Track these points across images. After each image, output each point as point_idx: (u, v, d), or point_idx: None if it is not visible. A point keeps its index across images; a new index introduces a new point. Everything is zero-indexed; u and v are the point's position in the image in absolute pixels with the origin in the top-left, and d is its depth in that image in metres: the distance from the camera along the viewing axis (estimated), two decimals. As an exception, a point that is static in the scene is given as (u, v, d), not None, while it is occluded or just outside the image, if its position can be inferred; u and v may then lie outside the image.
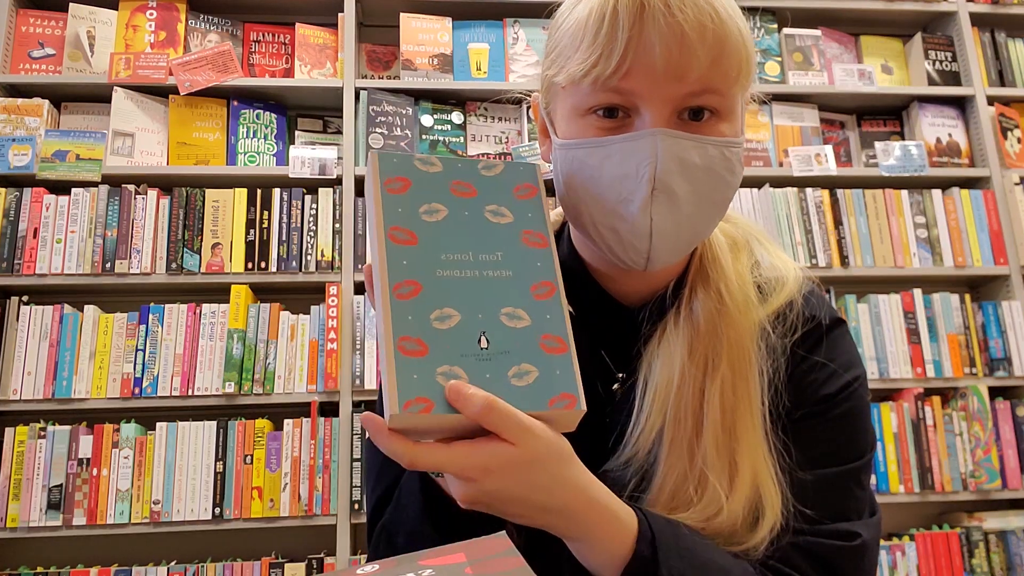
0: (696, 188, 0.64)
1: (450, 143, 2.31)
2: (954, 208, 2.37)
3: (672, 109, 0.63)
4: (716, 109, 0.65)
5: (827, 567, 0.66)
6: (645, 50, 0.61)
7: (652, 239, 0.64)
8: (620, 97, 0.64)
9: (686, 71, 0.61)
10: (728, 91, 0.64)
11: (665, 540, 0.59)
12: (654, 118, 0.63)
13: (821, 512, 0.68)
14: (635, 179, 0.63)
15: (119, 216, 2.08)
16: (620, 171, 0.64)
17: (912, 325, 2.24)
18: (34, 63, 2.22)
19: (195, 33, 2.31)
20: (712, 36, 0.61)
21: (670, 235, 0.64)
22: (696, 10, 0.61)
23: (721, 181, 0.66)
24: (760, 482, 0.66)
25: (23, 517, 1.88)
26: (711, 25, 0.61)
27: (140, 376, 1.99)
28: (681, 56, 0.61)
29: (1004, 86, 2.54)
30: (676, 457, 0.67)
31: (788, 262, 0.77)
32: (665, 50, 0.61)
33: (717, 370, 0.68)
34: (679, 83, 0.62)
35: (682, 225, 0.65)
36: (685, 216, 0.64)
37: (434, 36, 2.35)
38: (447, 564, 0.35)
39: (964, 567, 2.11)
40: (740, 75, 0.64)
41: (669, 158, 0.62)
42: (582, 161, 0.66)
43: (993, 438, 2.18)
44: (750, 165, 2.36)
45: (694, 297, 0.71)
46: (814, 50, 2.49)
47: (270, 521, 1.95)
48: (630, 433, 0.69)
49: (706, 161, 0.64)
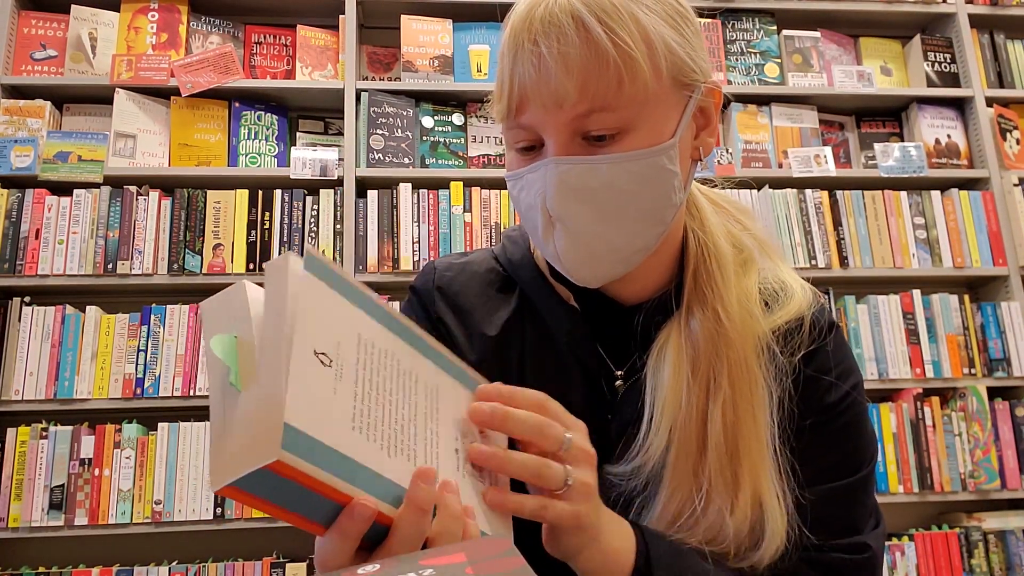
0: (596, 208, 0.65)
1: (451, 144, 2.31)
2: (953, 209, 2.37)
3: (569, 135, 0.65)
4: (612, 127, 0.64)
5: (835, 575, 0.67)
6: (523, 86, 0.64)
7: (563, 262, 0.68)
8: (525, 132, 0.67)
9: (561, 99, 0.63)
10: (619, 106, 0.63)
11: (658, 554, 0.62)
12: (553, 147, 0.65)
13: (830, 526, 0.68)
14: (536, 209, 0.67)
15: (121, 217, 2.09)
16: (528, 201, 0.68)
17: (911, 326, 2.25)
18: (36, 65, 2.22)
19: (196, 35, 2.32)
20: (576, 59, 0.62)
21: (583, 256, 0.67)
22: (560, 37, 0.62)
23: (628, 194, 0.65)
24: (764, 501, 0.66)
25: (25, 517, 1.89)
26: (574, 50, 0.62)
27: (142, 377, 2.00)
28: (549, 86, 0.63)
29: (1003, 87, 2.54)
30: (681, 477, 0.67)
31: (796, 277, 0.77)
32: (535, 83, 0.63)
33: (719, 390, 0.68)
34: (559, 111, 0.64)
35: (592, 245, 0.67)
36: (593, 236, 0.66)
37: (435, 38, 2.36)
38: (448, 564, 0.35)
39: (963, 567, 2.11)
40: (625, 86, 0.63)
41: (556, 186, 0.65)
42: (512, 193, 0.71)
43: (992, 438, 2.19)
44: (749, 166, 2.36)
45: (691, 317, 0.71)
46: (813, 52, 2.49)
47: (271, 521, 1.95)
48: (637, 446, 0.69)
49: (602, 180, 0.64)
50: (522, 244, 0.80)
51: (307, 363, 0.43)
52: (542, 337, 0.76)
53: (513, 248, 0.80)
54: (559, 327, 0.75)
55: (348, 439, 0.44)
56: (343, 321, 0.47)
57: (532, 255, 0.78)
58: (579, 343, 0.74)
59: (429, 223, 2.19)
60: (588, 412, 0.73)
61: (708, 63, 0.71)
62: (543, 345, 0.76)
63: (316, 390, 0.43)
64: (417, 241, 2.17)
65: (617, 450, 0.71)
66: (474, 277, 0.81)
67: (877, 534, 0.71)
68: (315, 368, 0.43)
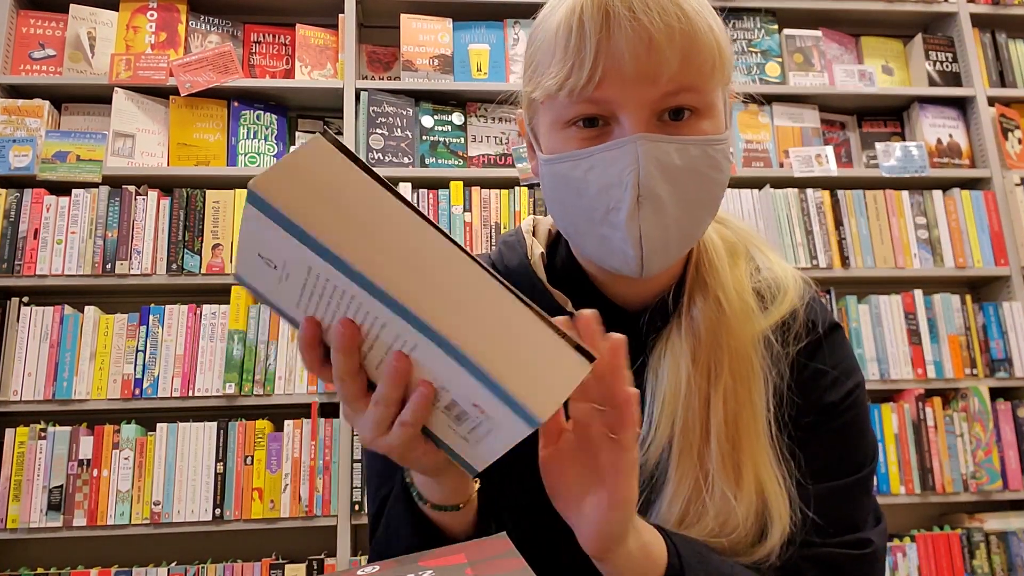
0: (681, 190, 0.64)
1: (450, 144, 2.31)
2: (955, 209, 2.37)
3: (650, 112, 0.63)
4: (695, 107, 0.64)
5: (838, 572, 0.67)
6: (614, 57, 0.61)
7: (643, 246, 0.64)
8: (596, 107, 0.64)
9: (658, 73, 0.61)
10: (704, 87, 0.64)
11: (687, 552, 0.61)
12: (633, 124, 0.63)
13: (831, 523, 0.68)
14: (620, 187, 0.63)
15: (119, 217, 2.08)
16: (604, 181, 0.64)
17: (913, 326, 2.24)
18: (35, 64, 2.22)
19: (195, 34, 2.31)
20: (680, 35, 0.61)
21: (660, 240, 0.64)
22: (661, 12, 0.61)
23: (707, 180, 0.65)
24: (765, 490, 0.66)
25: (23, 518, 1.88)
26: (677, 25, 0.61)
27: (140, 377, 1.99)
28: (650, 59, 0.61)
29: (1005, 87, 2.54)
30: (687, 467, 0.67)
31: (787, 268, 0.77)
32: (634, 55, 0.61)
33: (720, 378, 0.68)
34: (652, 86, 0.62)
35: (670, 229, 0.64)
36: (673, 220, 0.64)
37: (434, 37, 2.35)
38: (448, 565, 0.35)
39: (965, 568, 2.11)
40: (715, 70, 0.64)
41: (650, 163, 0.62)
42: (566, 174, 0.66)
43: (994, 439, 2.18)
44: (750, 166, 2.36)
45: (693, 305, 0.71)
46: (815, 51, 2.49)
47: (270, 522, 1.94)
48: (641, 441, 0.69)
49: (688, 162, 0.64)
50: (519, 250, 0.78)
51: (253, 258, 0.49)
52: None
53: (510, 254, 0.79)
54: None
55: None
56: (288, 249, 0.46)
57: (529, 261, 0.77)
58: None
59: (429, 223, 2.18)
60: None
61: None
62: None
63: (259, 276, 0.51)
64: (417, 241, 2.16)
65: None
66: None
67: (879, 531, 0.70)
68: (260, 265, 0.49)
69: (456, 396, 0.49)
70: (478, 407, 0.49)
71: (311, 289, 0.49)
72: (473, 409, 0.49)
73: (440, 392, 0.50)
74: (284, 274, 0.49)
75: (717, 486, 0.65)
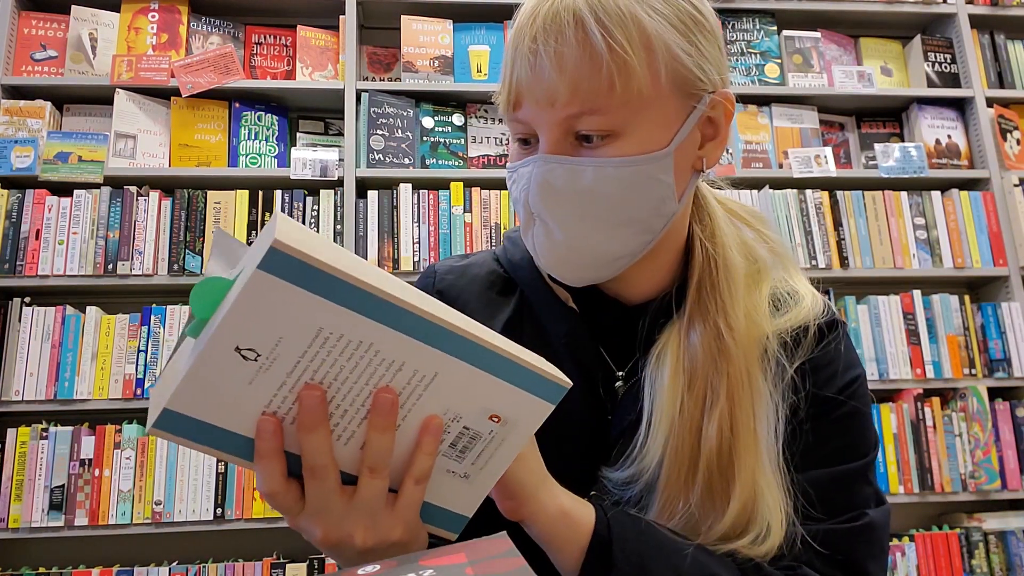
0: (577, 210, 0.65)
1: (451, 145, 2.31)
2: (953, 209, 2.37)
3: (560, 133, 0.65)
4: (602, 130, 0.64)
5: (834, 548, 0.67)
6: (522, 81, 0.65)
7: (540, 259, 0.69)
8: (522, 126, 0.68)
9: (553, 97, 0.63)
10: (610, 108, 0.63)
11: (621, 526, 0.61)
12: (543, 144, 0.66)
13: (831, 508, 0.68)
14: (521, 203, 0.69)
15: (121, 218, 2.09)
16: (515, 195, 0.70)
17: (912, 326, 2.25)
18: (36, 65, 2.22)
19: (197, 35, 2.32)
20: (570, 60, 0.62)
21: (556, 257, 0.68)
22: (558, 37, 0.63)
23: (614, 200, 0.65)
24: (758, 513, 0.65)
25: (25, 518, 1.89)
26: (567, 50, 0.62)
27: (142, 377, 2.00)
28: (545, 84, 0.63)
29: (1003, 88, 2.54)
30: (672, 489, 0.67)
31: (809, 288, 0.76)
32: (531, 81, 0.64)
33: (716, 405, 0.67)
34: (551, 109, 0.64)
35: (561, 248, 0.67)
36: (566, 237, 0.66)
37: (435, 38, 2.36)
38: (448, 564, 0.35)
39: (964, 568, 2.11)
40: (616, 90, 0.62)
41: (539, 184, 0.66)
42: (509, 187, 0.71)
43: (992, 439, 2.19)
44: (749, 166, 2.36)
45: (692, 329, 0.70)
46: (813, 52, 2.49)
47: (272, 521, 1.95)
48: (635, 451, 0.69)
49: (585, 183, 0.64)
50: (522, 245, 0.79)
51: (222, 356, 0.46)
52: (540, 338, 0.76)
53: (514, 249, 0.80)
54: (556, 329, 0.75)
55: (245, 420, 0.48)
56: (297, 315, 0.46)
57: (531, 256, 0.78)
58: (577, 345, 0.74)
59: (429, 223, 2.19)
60: (587, 413, 0.73)
61: (724, 72, 0.69)
62: (541, 346, 0.76)
63: (220, 380, 0.47)
64: (417, 241, 2.17)
65: (614, 452, 0.71)
66: (475, 280, 0.80)
67: (880, 510, 0.70)
68: (231, 361, 0.46)
69: (468, 421, 0.52)
70: (495, 418, 0.53)
71: (307, 361, 0.47)
72: (487, 424, 0.53)
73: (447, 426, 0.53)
74: (269, 362, 0.47)
75: (700, 512, 0.66)
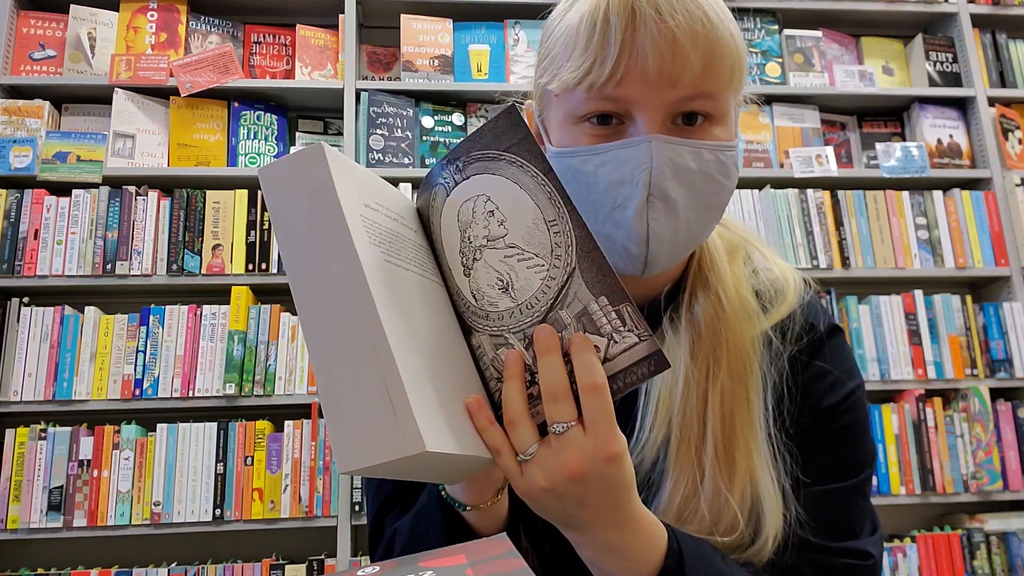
0: (691, 193, 0.64)
1: (451, 144, 2.31)
2: (955, 209, 2.37)
3: (665, 115, 0.63)
4: (709, 114, 0.65)
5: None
6: (637, 56, 0.61)
7: (649, 244, 0.64)
8: (614, 104, 0.64)
9: (679, 77, 0.61)
10: (721, 95, 0.64)
11: (691, 556, 0.59)
12: (648, 124, 0.63)
13: (828, 526, 0.68)
14: (630, 184, 0.63)
15: (120, 217, 2.08)
16: (615, 177, 0.63)
17: (913, 326, 2.24)
18: (35, 64, 2.22)
19: (196, 34, 2.31)
20: (704, 41, 0.61)
21: (667, 240, 0.64)
22: (687, 15, 0.61)
23: (716, 185, 0.65)
24: (759, 489, 0.66)
25: (23, 519, 1.88)
26: (702, 30, 0.61)
27: (141, 377, 1.99)
28: (674, 61, 0.61)
29: (1005, 87, 2.54)
30: (685, 464, 0.67)
31: (786, 268, 0.77)
32: (657, 56, 0.61)
33: (718, 376, 0.68)
34: (672, 89, 0.62)
35: (678, 230, 0.65)
36: (681, 221, 0.64)
37: (435, 37, 2.35)
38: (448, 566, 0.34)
39: (965, 569, 2.11)
40: (732, 78, 0.65)
41: (663, 163, 0.62)
42: (577, 168, 0.65)
43: (994, 439, 2.18)
44: (750, 166, 2.36)
45: (694, 301, 0.71)
46: (815, 51, 2.49)
47: (271, 523, 1.94)
48: (635, 442, 0.69)
49: (701, 166, 0.64)
50: None
51: None
52: None
53: None
54: None
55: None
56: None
57: None
58: None
59: (429, 223, 2.18)
60: None
61: None
62: None
63: None
64: (417, 241, 2.16)
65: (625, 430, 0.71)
66: None
67: (876, 540, 0.70)
68: None
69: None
70: None
71: None
72: None
73: None
74: None
75: (712, 484, 0.66)
